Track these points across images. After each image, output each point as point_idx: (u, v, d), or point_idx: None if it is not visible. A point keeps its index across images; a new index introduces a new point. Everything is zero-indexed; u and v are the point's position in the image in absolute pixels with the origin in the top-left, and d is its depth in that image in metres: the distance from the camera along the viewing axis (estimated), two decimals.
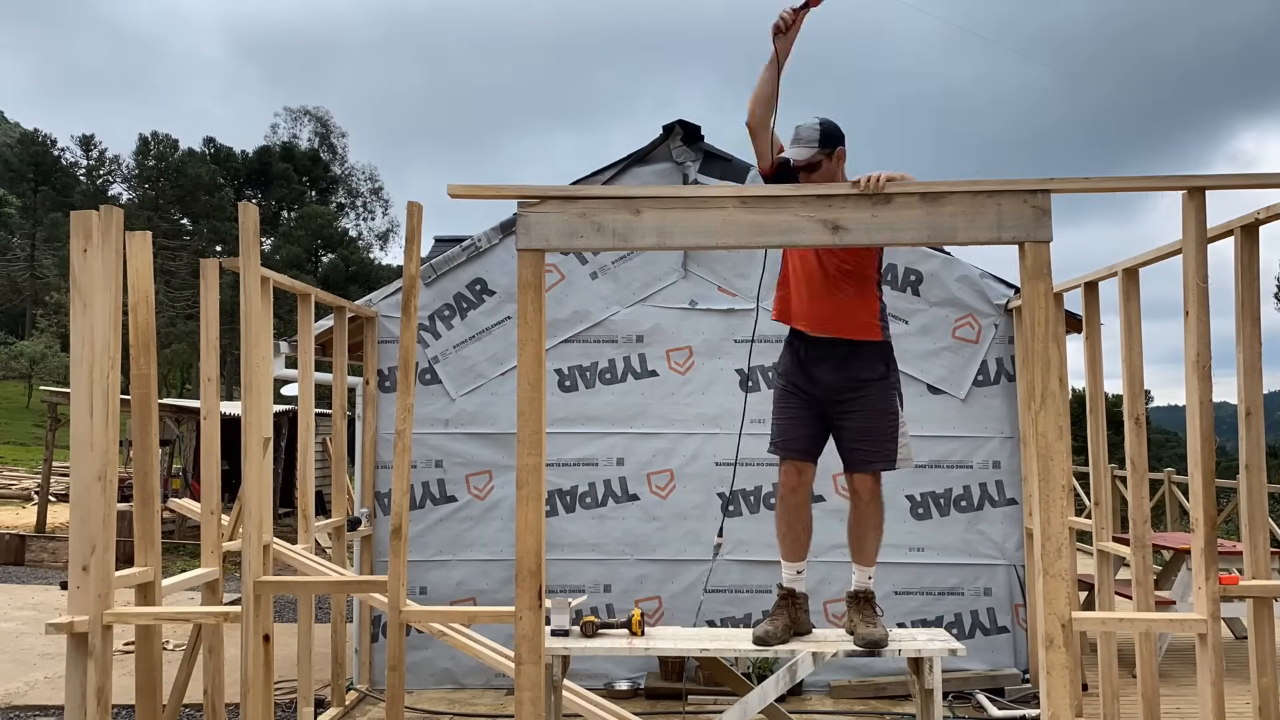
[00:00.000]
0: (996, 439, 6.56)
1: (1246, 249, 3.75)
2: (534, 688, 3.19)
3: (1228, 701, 3.54)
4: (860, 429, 3.77)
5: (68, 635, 3.59)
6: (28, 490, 21.68)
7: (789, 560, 3.89)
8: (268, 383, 4.42)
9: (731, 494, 6.62)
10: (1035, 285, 3.09)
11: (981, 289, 6.61)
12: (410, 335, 4.01)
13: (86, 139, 64.41)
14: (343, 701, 6.09)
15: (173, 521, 14.60)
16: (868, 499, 3.82)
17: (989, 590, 6.49)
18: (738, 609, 6.50)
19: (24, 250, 61.18)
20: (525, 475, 3.19)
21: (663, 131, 6.81)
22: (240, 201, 4.09)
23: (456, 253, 6.79)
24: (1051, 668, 3.02)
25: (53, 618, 3.66)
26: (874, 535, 3.85)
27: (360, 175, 69.77)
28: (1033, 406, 3.10)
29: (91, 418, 3.64)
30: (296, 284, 5.45)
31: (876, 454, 3.77)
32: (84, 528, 3.64)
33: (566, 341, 6.71)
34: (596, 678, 6.21)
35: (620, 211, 3.21)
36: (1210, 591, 3.41)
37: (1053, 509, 3.03)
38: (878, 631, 3.70)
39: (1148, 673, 4.52)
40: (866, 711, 6.12)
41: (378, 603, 4.89)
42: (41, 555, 13.94)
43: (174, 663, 5.42)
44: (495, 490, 6.67)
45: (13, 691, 6.87)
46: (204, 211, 56.86)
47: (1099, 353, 5.11)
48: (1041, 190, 3.14)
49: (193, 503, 5.64)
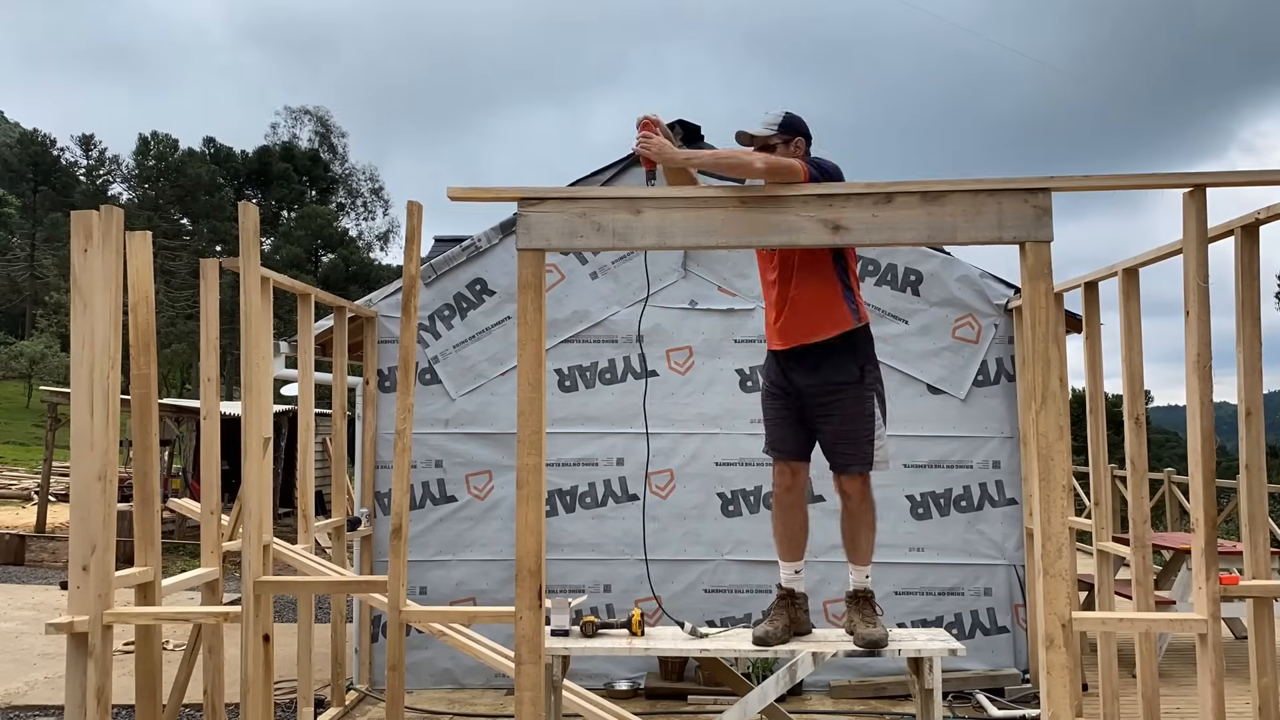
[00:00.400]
0: (996, 439, 6.56)
1: (1247, 249, 3.75)
2: (534, 688, 3.19)
3: (1228, 701, 3.54)
4: (836, 432, 3.79)
5: (68, 635, 3.58)
6: (28, 490, 21.68)
7: (786, 560, 3.90)
8: (268, 383, 4.42)
9: (732, 494, 6.63)
10: (1035, 285, 3.09)
11: (981, 289, 6.61)
12: (410, 335, 4.01)
13: (86, 139, 64.44)
14: (343, 701, 6.09)
15: (173, 521, 14.60)
16: (857, 500, 3.83)
17: (989, 590, 6.49)
18: (738, 609, 6.50)
19: (24, 250, 61.18)
20: (525, 475, 3.19)
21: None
22: (240, 201, 4.09)
23: (456, 253, 6.79)
24: (1051, 668, 3.02)
25: (53, 618, 3.66)
26: (867, 535, 3.85)
27: (360, 175, 69.84)
28: (1033, 406, 3.10)
29: (91, 418, 3.64)
30: (296, 284, 5.45)
31: (854, 456, 3.78)
32: (84, 528, 3.63)
33: (566, 341, 6.71)
34: (596, 678, 6.21)
35: (620, 211, 3.21)
36: (1210, 591, 3.41)
37: (1053, 509, 3.03)
38: (877, 631, 3.70)
39: (1148, 673, 4.52)
40: (866, 711, 6.12)
41: (378, 603, 4.89)
42: (41, 555, 13.94)
43: (174, 663, 5.42)
44: (495, 490, 6.67)
45: (13, 691, 6.87)
46: (204, 211, 56.87)
47: (1099, 353, 5.11)
48: (1042, 189, 3.14)
49: (193, 503, 5.63)
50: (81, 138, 64.42)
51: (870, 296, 6.51)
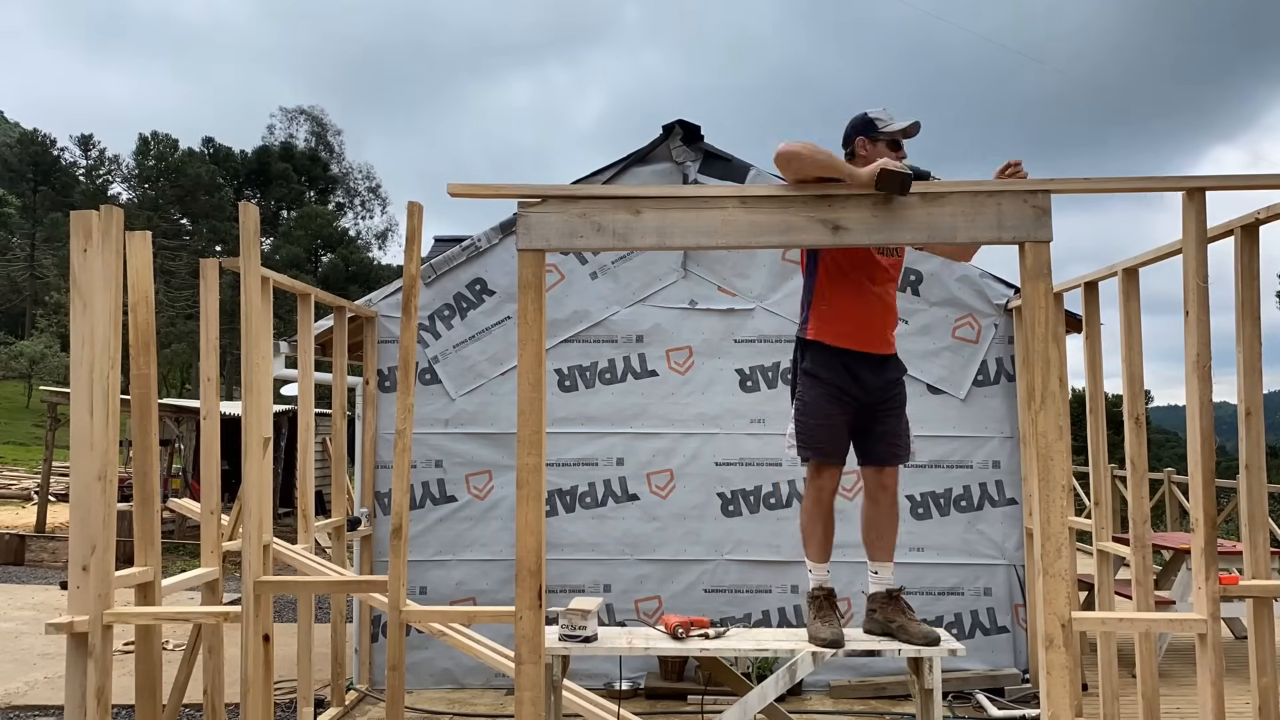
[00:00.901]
0: (996, 439, 6.56)
1: (1246, 249, 3.75)
2: (534, 688, 3.19)
3: (1228, 701, 3.55)
4: (896, 428, 3.82)
5: (68, 635, 3.58)
6: (28, 490, 21.68)
7: (820, 561, 3.85)
8: (268, 383, 4.41)
9: (731, 494, 6.63)
10: (1035, 285, 3.09)
11: (981, 289, 6.62)
12: (410, 335, 4.01)
13: (86, 139, 64.48)
14: (343, 701, 6.09)
15: (173, 521, 14.60)
16: (893, 492, 3.87)
17: (989, 590, 6.49)
18: (738, 609, 6.50)
19: (24, 250, 61.18)
20: (525, 475, 3.20)
21: (663, 131, 6.81)
22: (240, 201, 4.09)
23: (456, 253, 6.80)
24: (1051, 668, 3.02)
25: (53, 618, 3.66)
26: (893, 530, 3.88)
27: (358, 174, 69.89)
28: (1033, 406, 3.10)
29: (91, 418, 3.64)
30: (296, 284, 5.45)
31: (905, 448, 3.85)
32: (84, 528, 3.63)
33: (566, 341, 6.71)
34: (596, 678, 6.21)
35: (620, 211, 3.21)
36: (1210, 591, 3.42)
37: (1053, 509, 3.03)
38: (928, 628, 3.69)
39: (1148, 673, 4.52)
40: (866, 711, 6.12)
41: (378, 603, 4.89)
42: (41, 555, 13.94)
43: (174, 663, 5.43)
44: (495, 490, 6.67)
45: (13, 691, 6.87)
46: (204, 211, 56.90)
47: (1099, 353, 5.11)
48: (1041, 190, 3.14)
49: (193, 503, 5.63)
50: (81, 138, 64.51)
51: None
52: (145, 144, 59.60)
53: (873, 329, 3.77)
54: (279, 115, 75.71)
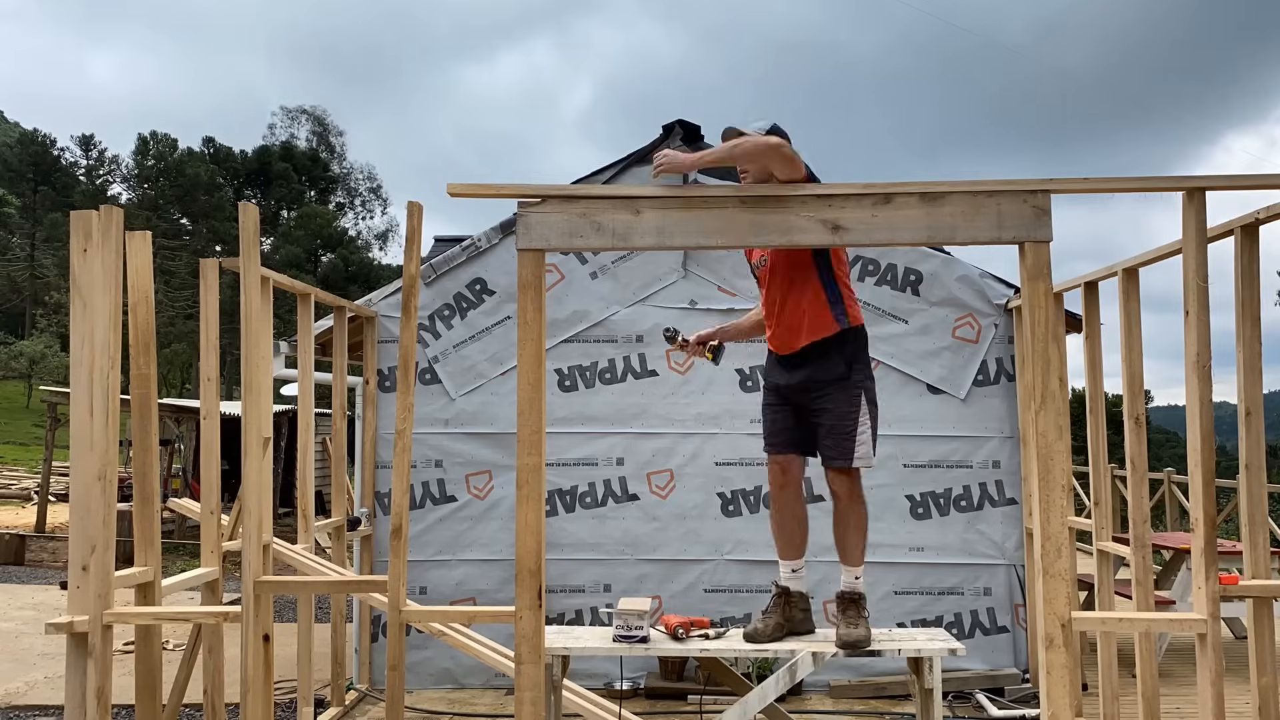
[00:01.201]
0: (996, 439, 6.56)
1: (1246, 249, 3.75)
2: (534, 688, 3.19)
3: (1228, 701, 3.54)
4: (825, 427, 3.79)
5: (68, 635, 3.58)
6: (28, 490, 21.69)
7: (784, 558, 3.89)
8: (268, 383, 4.42)
9: (732, 494, 6.63)
10: (1035, 285, 3.09)
11: (981, 289, 6.62)
12: (410, 335, 4.01)
13: (86, 139, 64.48)
14: (343, 701, 6.09)
15: (173, 521, 14.60)
16: (845, 499, 3.80)
17: (989, 590, 6.49)
18: (738, 609, 6.50)
19: (24, 250, 61.18)
20: (525, 475, 3.20)
21: (662, 131, 6.81)
22: (240, 201, 4.09)
23: (456, 252, 6.80)
24: (1051, 667, 3.02)
25: (53, 618, 3.66)
26: (855, 536, 3.81)
27: (359, 174, 69.91)
28: (1033, 406, 3.10)
29: (91, 418, 3.64)
30: (296, 284, 5.45)
31: (835, 450, 3.77)
32: (84, 527, 3.63)
33: (566, 341, 6.71)
34: (596, 678, 6.21)
35: (620, 211, 3.21)
36: (1210, 591, 3.42)
37: (1053, 509, 3.03)
38: (857, 632, 3.67)
39: (1148, 673, 4.52)
40: (866, 711, 6.12)
41: (378, 603, 4.89)
42: (41, 555, 13.95)
43: (174, 663, 5.43)
44: (495, 490, 6.67)
45: (13, 691, 6.87)
46: (203, 211, 56.92)
47: (1099, 352, 5.11)
48: (1041, 190, 3.14)
49: (192, 503, 5.63)
50: (81, 138, 64.52)
51: (870, 296, 6.52)
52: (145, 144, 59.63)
53: (775, 333, 3.96)
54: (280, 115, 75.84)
